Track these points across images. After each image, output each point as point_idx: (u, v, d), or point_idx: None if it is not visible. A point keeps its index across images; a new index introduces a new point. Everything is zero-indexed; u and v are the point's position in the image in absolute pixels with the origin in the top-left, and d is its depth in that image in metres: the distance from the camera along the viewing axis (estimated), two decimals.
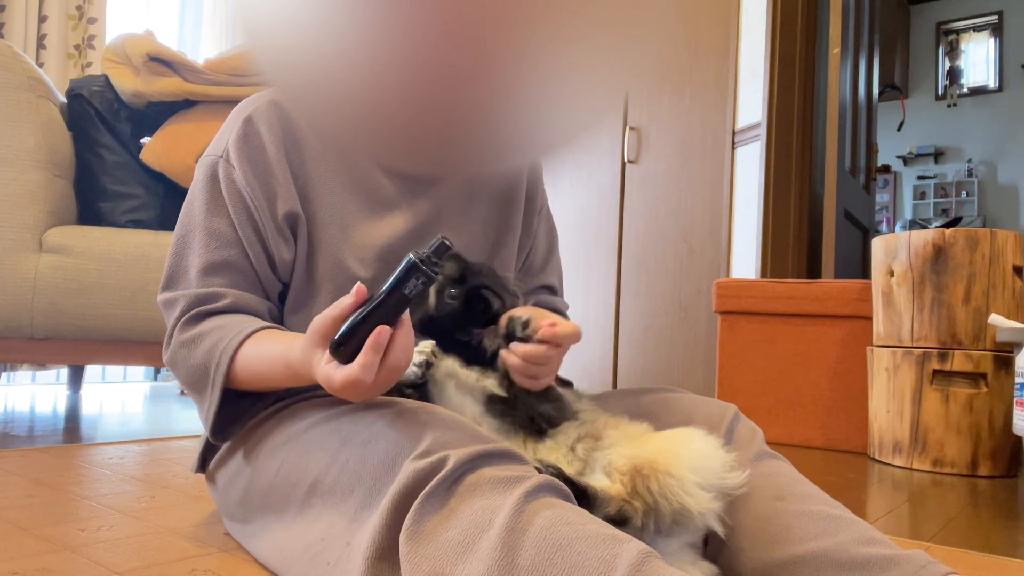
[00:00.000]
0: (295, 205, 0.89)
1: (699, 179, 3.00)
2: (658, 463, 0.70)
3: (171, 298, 0.88)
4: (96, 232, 1.96)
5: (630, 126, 3.21)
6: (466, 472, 0.63)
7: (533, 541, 0.57)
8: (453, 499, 0.62)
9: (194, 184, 0.91)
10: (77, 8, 2.99)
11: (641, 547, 0.56)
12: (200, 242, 0.88)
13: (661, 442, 0.75)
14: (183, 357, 0.85)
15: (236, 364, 0.81)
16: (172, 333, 0.87)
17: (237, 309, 0.87)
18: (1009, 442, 1.85)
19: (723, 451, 0.74)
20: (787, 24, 2.80)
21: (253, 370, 0.81)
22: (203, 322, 0.86)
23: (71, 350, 1.95)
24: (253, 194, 0.88)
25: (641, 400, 0.94)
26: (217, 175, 0.89)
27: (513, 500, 0.60)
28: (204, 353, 0.83)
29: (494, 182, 1.05)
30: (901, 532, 1.18)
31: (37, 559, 0.83)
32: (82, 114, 2.13)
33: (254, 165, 0.88)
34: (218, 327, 0.84)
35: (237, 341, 0.81)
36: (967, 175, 6.19)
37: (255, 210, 0.88)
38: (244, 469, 0.86)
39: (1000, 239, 1.87)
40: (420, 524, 0.61)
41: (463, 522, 0.60)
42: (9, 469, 1.32)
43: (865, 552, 0.67)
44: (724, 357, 2.36)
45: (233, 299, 0.87)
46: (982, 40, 6.21)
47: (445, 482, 0.62)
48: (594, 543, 0.56)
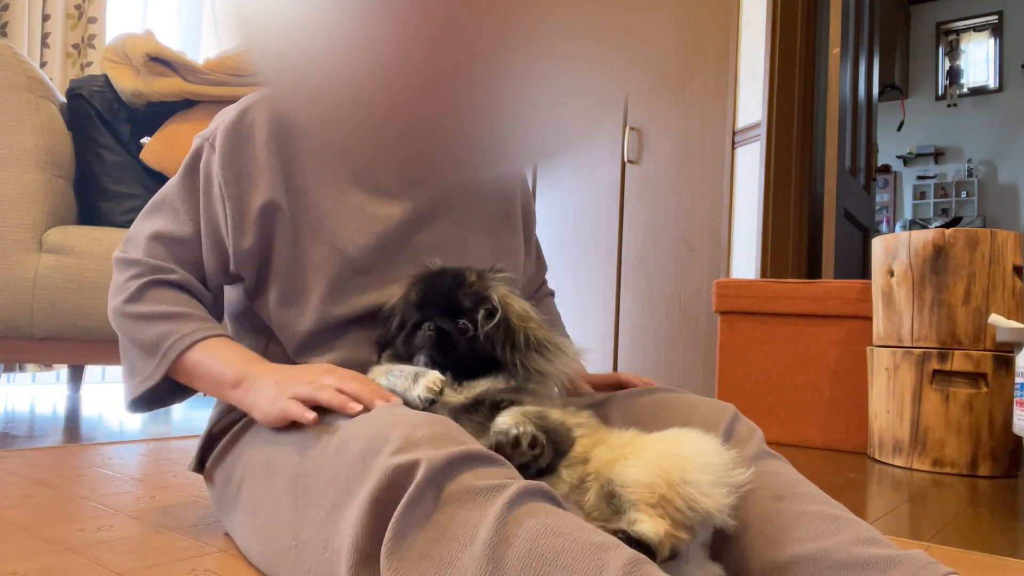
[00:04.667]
0: (277, 196, 0.89)
1: (699, 179, 3.00)
2: (672, 477, 0.68)
3: (124, 259, 0.91)
4: (96, 232, 1.96)
5: (630, 126, 3.21)
6: (444, 480, 0.62)
7: (518, 556, 0.56)
8: (435, 513, 0.60)
9: (184, 159, 0.94)
10: (76, 8, 2.99)
11: (629, 554, 0.55)
12: (162, 214, 0.92)
13: (662, 447, 0.73)
14: (132, 328, 0.88)
15: (181, 363, 0.86)
16: (121, 294, 0.90)
17: (183, 287, 0.91)
18: (1009, 442, 1.85)
19: (723, 447, 0.74)
20: (787, 24, 2.80)
21: (193, 374, 0.87)
22: (155, 298, 0.89)
23: (71, 350, 1.95)
24: (225, 182, 0.88)
25: (640, 401, 0.94)
26: (198, 157, 0.91)
27: (495, 512, 0.58)
28: (156, 337, 0.87)
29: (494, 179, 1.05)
30: (901, 532, 1.18)
31: (37, 559, 0.83)
32: (82, 114, 2.13)
33: (236, 154, 0.89)
34: (174, 315, 0.87)
35: (189, 341, 0.86)
36: (967, 175, 6.19)
37: (222, 197, 0.89)
38: (236, 467, 0.87)
39: (1000, 239, 1.87)
40: (402, 539, 0.59)
41: (444, 537, 0.59)
42: (9, 469, 1.32)
43: (865, 552, 0.67)
44: (724, 357, 2.36)
45: (181, 277, 0.90)
46: (982, 40, 6.21)
47: (423, 491, 0.61)
48: (581, 554, 0.55)
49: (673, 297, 3.05)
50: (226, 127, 0.89)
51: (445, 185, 0.98)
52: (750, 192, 2.82)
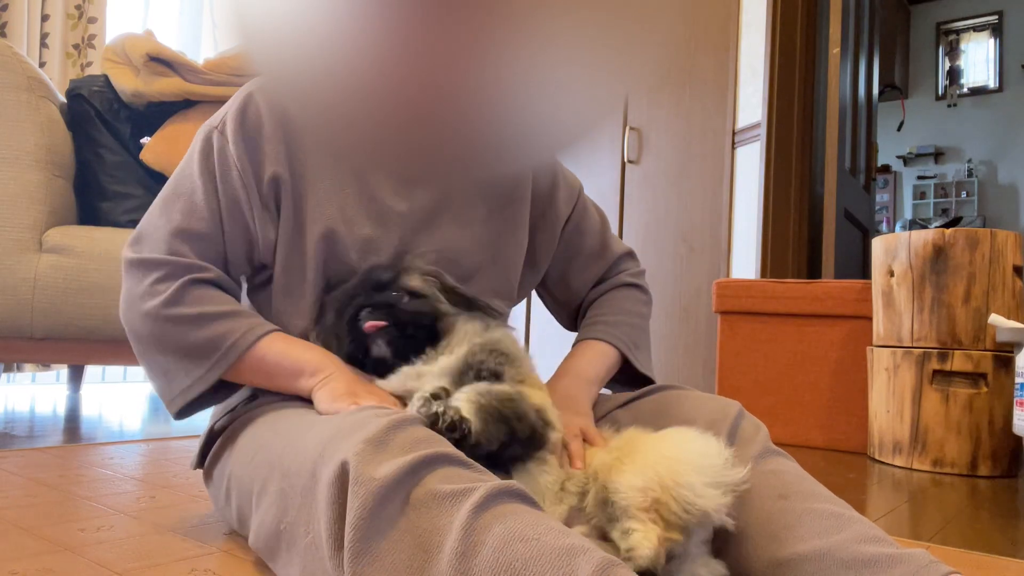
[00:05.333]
0: (281, 169, 0.89)
1: (699, 179, 3.00)
2: (665, 480, 0.68)
3: (144, 260, 0.86)
4: (96, 232, 1.96)
5: (630, 126, 3.21)
6: (410, 484, 0.61)
7: (487, 565, 0.55)
8: (400, 518, 0.60)
9: (190, 152, 0.92)
10: (76, 7, 2.99)
11: (600, 557, 0.55)
12: (180, 208, 0.88)
13: (657, 449, 0.73)
14: (177, 331, 0.84)
15: (245, 360, 0.85)
16: (154, 297, 0.85)
17: (220, 284, 0.89)
18: (1009, 442, 1.85)
19: (721, 446, 0.73)
20: (787, 24, 2.80)
21: (257, 371, 0.86)
22: (201, 298, 0.85)
23: (71, 350, 1.94)
24: (242, 168, 0.88)
25: (645, 399, 0.94)
26: (210, 146, 0.90)
27: (461, 519, 0.58)
28: (212, 338, 0.84)
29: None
30: (901, 532, 1.18)
31: (37, 559, 0.83)
32: (82, 114, 2.13)
33: (247, 138, 0.89)
34: (226, 314, 0.85)
35: (253, 338, 0.85)
36: (967, 175, 6.19)
37: (243, 186, 0.88)
38: (230, 460, 0.88)
39: (1000, 239, 1.87)
40: (366, 543, 0.59)
41: (411, 545, 0.58)
42: (9, 469, 1.32)
43: (868, 551, 0.67)
44: (724, 357, 2.36)
45: (216, 275, 0.88)
46: (982, 40, 6.21)
47: (390, 494, 0.60)
48: (551, 560, 0.54)
49: (673, 297, 3.04)
50: (234, 112, 0.89)
51: (445, 185, 0.98)
52: (750, 192, 2.82)
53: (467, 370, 0.79)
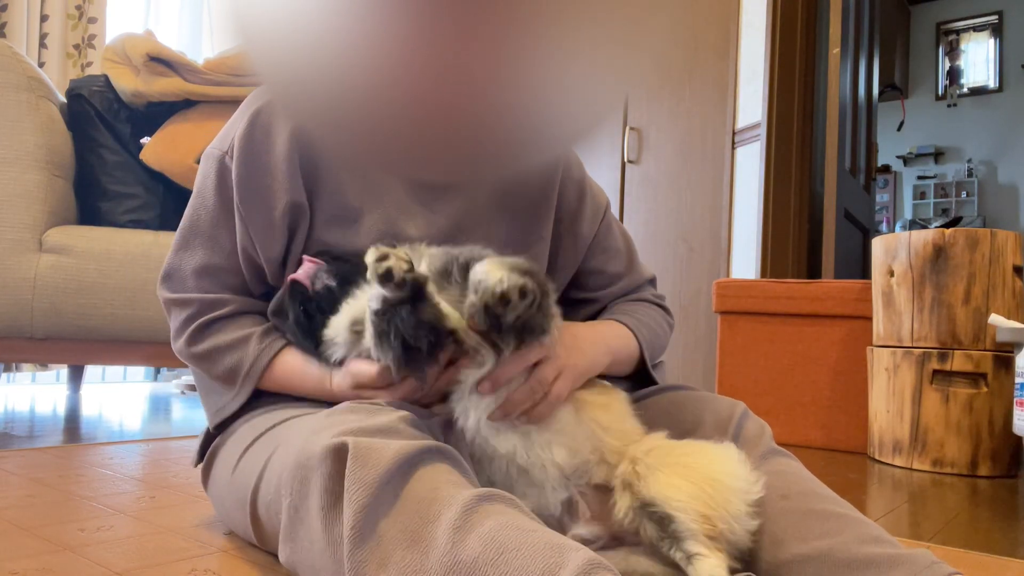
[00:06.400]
0: (299, 196, 0.88)
1: (699, 179, 3.00)
2: (722, 510, 0.70)
3: (174, 299, 0.92)
4: (96, 232, 1.96)
5: (630, 126, 3.21)
6: (410, 473, 0.63)
7: (479, 539, 0.57)
8: (399, 500, 0.62)
9: (203, 179, 0.91)
10: (77, 8, 2.99)
11: (588, 556, 0.55)
12: (200, 245, 0.91)
13: (704, 470, 0.73)
14: (202, 366, 0.91)
15: (268, 378, 0.90)
16: (181, 336, 0.92)
17: (240, 313, 0.92)
18: (1009, 442, 1.85)
19: (748, 466, 0.76)
20: (787, 24, 2.80)
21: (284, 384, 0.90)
22: (213, 333, 0.90)
23: (71, 350, 1.94)
24: (253, 195, 0.88)
25: (652, 400, 0.94)
26: (224, 173, 0.89)
27: (463, 499, 0.60)
28: (229, 369, 0.89)
29: (517, 186, 1.00)
30: (901, 532, 1.18)
31: (37, 559, 0.83)
32: (82, 114, 2.13)
33: (257, 163, 0.88)
34: (236, 342, 0.89)
35: (267, 359, 0.89)
36: (967, 175, 6.18)
37: (252, 211, 0.88)
38: (226, 453, 0.90)
39: (1000, 239, 1.87)
40: (373, 526, 0.61)
41: (410, 511, 0.61)
42: (9, 469, 1.32)
43: (869, 551, 0.67)
44: (724, 357, 2.36)
45: (235, 306, 0.91)
46: (982, 40, 6.21)
47: (391, 478, 0.62)
48: (541, 550, 0.56)
49: (673, 297, 3.04)
50: (242, 136, 0.87)
51: (467, 192, 0.96)
52: (750, 192, 2.82)
53: (450, 263, 0.76)
